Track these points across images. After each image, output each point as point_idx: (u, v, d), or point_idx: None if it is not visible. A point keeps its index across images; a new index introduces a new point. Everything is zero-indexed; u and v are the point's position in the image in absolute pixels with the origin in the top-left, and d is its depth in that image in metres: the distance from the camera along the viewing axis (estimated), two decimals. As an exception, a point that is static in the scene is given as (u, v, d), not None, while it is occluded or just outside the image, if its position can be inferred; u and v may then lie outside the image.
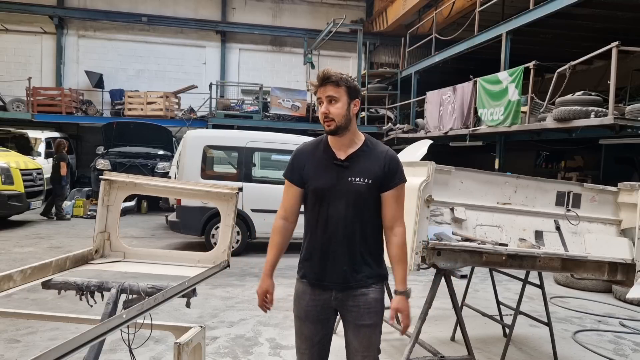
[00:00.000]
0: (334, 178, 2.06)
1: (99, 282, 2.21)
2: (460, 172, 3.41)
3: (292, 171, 2.16)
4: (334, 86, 2.04)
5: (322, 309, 2.12)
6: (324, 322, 2.15)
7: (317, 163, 2.11)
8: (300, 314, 2.17)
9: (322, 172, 2.08)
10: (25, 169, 9.44)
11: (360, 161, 2.08)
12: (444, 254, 3.00)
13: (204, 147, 7.69)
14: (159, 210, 11.13)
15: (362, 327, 2.09)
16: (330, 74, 2.04)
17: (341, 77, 2.05)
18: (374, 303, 2.11)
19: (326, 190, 2.06)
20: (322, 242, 2.09)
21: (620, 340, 4.56)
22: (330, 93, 2.03)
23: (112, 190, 2.57)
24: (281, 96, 14.90)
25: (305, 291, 2.15)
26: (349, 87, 2.07)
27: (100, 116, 15.45)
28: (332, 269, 2.08)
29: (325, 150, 2.13)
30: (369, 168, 2.07)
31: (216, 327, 4.39)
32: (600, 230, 3.76)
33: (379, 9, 17.58)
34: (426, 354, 3.32)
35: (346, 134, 2.08)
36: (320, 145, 2.17)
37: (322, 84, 2.04)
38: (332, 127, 2.04)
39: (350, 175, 2.05)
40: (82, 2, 17.05)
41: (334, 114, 2.03)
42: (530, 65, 8.18)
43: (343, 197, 2.04)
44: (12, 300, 4.40)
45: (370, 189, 2.06)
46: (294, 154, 2.21)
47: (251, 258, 7.52)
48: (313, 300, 2.12)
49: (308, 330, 2.15)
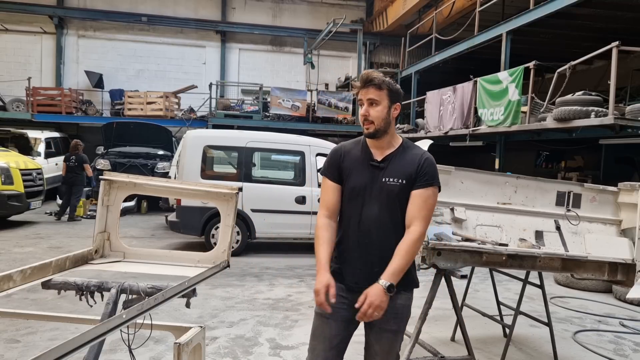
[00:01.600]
0: (369, 178, 2.07)
1: (98, 282, 2.20)
2: (461, 172, 3.42)
3: (330, 168, 2.16)
4: (375, 89, 2.02)
5: (349, 307, 2.07)
6: (347, 322, 2.10)
7: (354, 162, 2.12)
8: (325, 310, 2.10)
9: (358, 171, 2.09)
10: (25, 169, 9.43)
11: (396, 162, 2.09)
12: (444, 254, 3.00)
13: (204, 147, 7.69)
14: (159, 210, 11.13)
15: (385, 331, 2.08)
16: (373, 76, 2.03)
17: (383, 80, 2.04)
18: (400, 309, 2.10)
19: (361, 189, 2.06)
20: (355, 241, 2.08)
21: (621, 340, 4.55)
22: (372, 96, 2.02)
23: (112, 190, 2.56)
24: (281, 96, 14.90)
25: (335, 287, 2.08)
26: (390, 91, 2.05)
27: (100, 116, 15.46)
28: (364, 269, 2.06)
29: (363, 151, 2.14)
30: (403, 169, 2.07)
31: (216, 327, 4.39)
32: (600, 230, 3.76)
33: (379, 8, 17.58)
34: (426, 354, 3.32)
35: (384, 136, 2.08)
36: (359, 145, 2.17)
37: (364, 86, 2.03)
38: (371, 129, 2.05)
39: (384, 176, 2.06)
40: (82, 2, 17.05)
41: (373, 116, 2.03)
42: (530, 65, 8.18)
43: (377, 198, 2.03)
44: (12, 300, 4.40)
45: (403, 189, 2.05)
46: (332, 152, 2.20)
47: (251, 258, 7.52)
48: (341, 298, 2.08)
49: (330, 329, 2.10)
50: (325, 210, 2.14)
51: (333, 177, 2.14)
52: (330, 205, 2.14)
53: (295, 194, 7.61)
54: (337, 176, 2.14)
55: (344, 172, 2.12)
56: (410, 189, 2.06)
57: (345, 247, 2.11)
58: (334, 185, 2.14)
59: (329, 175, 2.16)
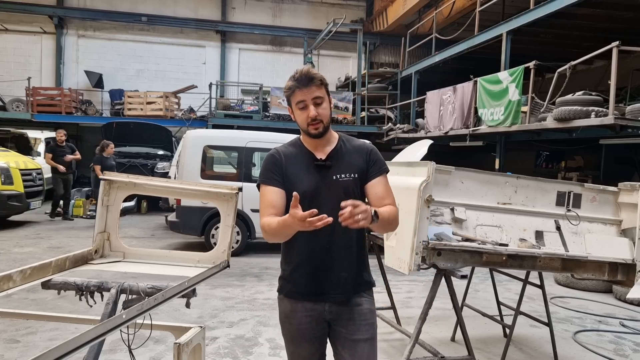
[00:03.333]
0: (318, 179, 1.92)
1: (98, 282, 2.20)
2: (461, 172, 3.41)
3: (271, 174, 1.95)
4: (318, 86, 1.90)
5: (317, 324, 1.95)
6: (320, 338, 1.98)
7: (297, 166, 1.96)
8: (293, 335, 1.99)
9: (305, 174, 1.94)
10: (25, 169, 9.43)
11: (341, 158, 1.97)
12: (444, 254, 3.00)
13: (204, 147, 7.69)
14: (159, 210, 11.13)
15: (359, 342, 1.92)
16: (313, 73, 1.91)
17: (322, 76, 1.94)
18: (369, 314, 1.97)
19: (312, 192, 1.89)
20: (313, 249, 1.91)
21: (621, 340, 4.55)
22: (316, 94, 1.90)
23: (112, 190, 2.56)
24: (281, 96, 14.88)
25: (295, 308, 1.96)
26: (326, 86, 1.96)
27: (100, 116, 15.45)
28: (328, 277, 1.92)
29: (303, 153, 1.99)
30: (351, 163, 1.97)
31: (216, 328, 4.39)
32: (600, 230, 3.76)
33: (379, 8, 17.58)
34: (426, 354, 3.32)
35: (327, 134, 1.98)
36: (295, 148, 2.02)
37: (306, 85, 1.89)
38: (321, 129, 1.91)
39: (334, 174, 1.93)
40: (82, 2, 17.05)
41: (322, 115, 1.90)
42: (530, 65, 8.18)
43: (332, 197, 1.86)
44: (12, 300, 4.40)
45: (356, 183, 1.95)
46: (269, 158, 2.00)
47: (251, 258, 7.51)
48: (306, 317, 1.94)
49: (305, 351, 1.98)
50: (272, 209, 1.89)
51: (278, 183, 1.92)
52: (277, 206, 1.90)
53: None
54: (280, 182, 1.93)
55: (288, 179, 1.93)
56: (362, 182, 1.96)
57: (302, 257, 1.94)
58: (278, 191, 1.92)
59: (272, 182, 1.93)
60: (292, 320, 1.97)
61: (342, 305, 1.94)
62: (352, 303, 1.95)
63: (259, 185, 1.98)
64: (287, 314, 1.99)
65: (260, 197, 1.96)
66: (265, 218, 1.89)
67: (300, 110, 1.93)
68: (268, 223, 1.85)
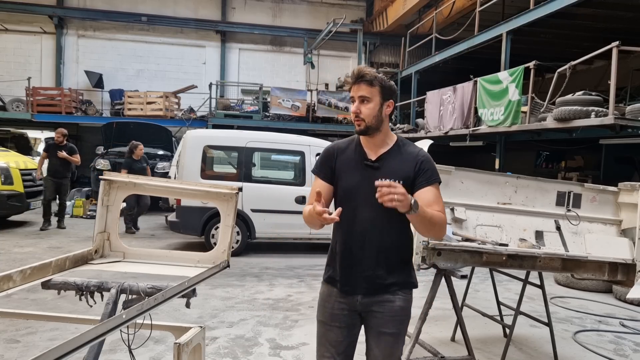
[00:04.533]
0: (364, 178, 1.98)
1: (98, 282, 2.20)
2: (461, 172, 3.41)
3: (322, 167, 2.09)
4: (367, 85, 1.96)
5: (349, 312, 2.05)
6: (350, 327, 2.07)
7: (347, 162, 2.05)
8: (325, 318, 2.08)
9: (352, 171, 2.02)
10: (25, 169, 9.43)
11: (391, 161, 2.02)
12: (444, 254, 3.00)
13: (204, 147, 7.69)
14: (159, 210, 11.12)
15: (384, 334, 2.02)
16: (365, 72, 1.96)
17: (376, 77, 1.97)
18: (399, 311, 2.04)
19: (355, 190, 1.99)
20: (349, 244, 2.01)
21: (621, 340, 4.55)
22: (363, 92, 1.97)
23: (111, 190, 2.56)
24: (281, 96, 14.90)
25: (332, 294, 2.07)
26: (382, 87, 1.99)
27: (100, 116, 15.45)
28: (358, 272, 2.01)
29: (357, 150, 2.07)
30: (400, 168, 2.00)
31: (216, 328, 4.39)
32: (600, 230, 3.76)
33: (379, 8, 17.58)
34: (426, 354, 3.32)
35: (377, 134, 2.02)
36: (352, 144, 2.11)
37: (355, 82, 1.98)
38: (362, 127, 1.99)
39: (380, 176, 1.93)
40: (82, 2, 17.05)
41: (364, 114, 1.97)
42: (530, 65, 8.18)
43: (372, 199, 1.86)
44: (12, 300, 4.40)
45: None
46: (325, 151, 2.13)
47: (251, 258, 7.51)
48: (340, 304, 2.05)
49: (334, 335, 2.06)
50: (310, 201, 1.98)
51: (325, 176, 2.07)
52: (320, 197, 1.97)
53: (295, 194, 7.60)
54: (329, 176, 2.06)
55: (336, 173, 2.05)
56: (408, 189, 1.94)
57: (340, 250, 2.05)
58: (326, 185, 2.06)
59: (321, 175, 2.08)
60: (327, 304, 2.09)
61: (372, 300, 2.03)
62: (383, 298, 2.03)
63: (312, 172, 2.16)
64: (324, 298, 2.11)
65: (312, 186, 2.11)
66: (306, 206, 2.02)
67: (352, 104, 2.03)
68: (304, 209, 2.01)
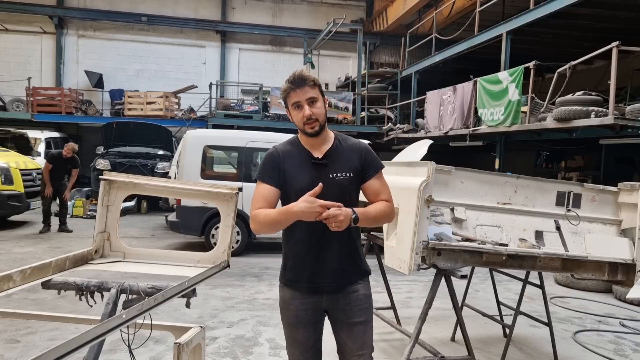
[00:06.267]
0: (314, 177, 2.02)
1: (98, 282, 2.20)
2: (461, 172, 3.41)
3: (269, 171, 2.06)
4: (311, 87, 2.02)
5: (313, 311, 2.10)
6: (315, 325, 2.13)
7: (295, 164, 2.07)
8: (290, 320, 2.13)
9: (301, 172, 2.05)
10: (25, 169, 9.43)
11: (337, 156, 2.08)
12: (444, 254, 2.99)
13: (204, 147, 7.69)
14: (159, 210, 11.13)
15: (355, 324, 2.08)
16: (306, 75, 2.03)
17: (315, 78, 2.07)
18: (364, 299, 2.11)
19: (308, 189, 1.94)
20: (309, 243, 2.05)
21: (621, 340, 4.55)
22: (310, 94, 2.02)
23: (111, 190, 2.56)
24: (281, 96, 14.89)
25: (294, 296, 2.10)
26: (320, 87, 2.08)
27: (100, 116, 15.46)
28: (322, 269, 2.05)
29: (300, 151, 2.10)
30: (347, 162, 2.07)
31: (216, 328, 4.39)
32: (600, 230, 3.75)
33: (379, 8, 17.59)
34: (426, 354, 3.32)
35: (323, 132, 2.09)
36: (294, 146, 2.14)
37: (299, 87, 2.01)
38: (317, 128, 2.03)
39: (330, 172, 2.04)
40: (82, 2, 17.05)
41: (317, 114, 2.02)
42: (530, 65, 8.18)
43: (327, 195, 1.93)
44: (12, 300, 4.40)
45: (352, 182, 2.06)
46: (269, 156, 2.12)
47: (251, 258, 7.52)
48: (303, 304, 2.09)
49: (301, 336, 2.12)
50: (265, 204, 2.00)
51: (273, 181, 2.04)
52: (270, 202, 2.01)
53: (295, 194, 7.60)
54: (276, 180, 2.04)
55: (285, 177, 2.05)
56: (357, 180, 2.08)
57: (299, 250, 2.07)
58: (273, 189, 2.03)
59: (268, 180, 2.04)
60: (290, 307, 2.12)
61: (338, 294, 2.09)
62: (348, 290, 2.10)
63: (256, 179, 2.10)
64: (286, 301, 2.14)
65: (255, 190, 2.07)
66: (258, 210, 1.99)
67: (296, 110, 2.06)
68: (265, 213, 1.96)
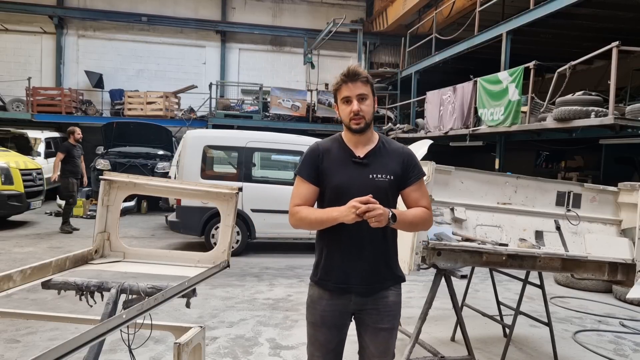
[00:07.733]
0: (354, 175, 2.00)
1: (98, 282, 2.20)
2: (461, 172, 3.42)
3: (307, 168, 2.06)
4: (363, 83, 1.99)
5: (340, 314, 2.05)
6: (339, 327, 2.07)
7: (334, 160, 2.04)
8: (315, 320, 2.09)
9: (341, 169, 2.02)
10: (25, 169, 9.42)
11: (379, 158, 2.05)
12: (444, 254, 3.00)
13: (204, 147, 7.69)
14: (159, 210, 11.12)
15: (380, 330, 2.04)
16: (360, 71, 1.99)
17: (368, 75, 2.03)
18: (393, 306, 2.07)
19: (347, 188, 1.97)
20: (343, 242, 2.01)
21: (621, 340, 4.56)
22: (362, 91, 1.99)
23: (112, 190, 2.56)
24: (281, 96, 14.90)
25: (322, 296, 2.06)
26: (372, 85, 2.05)
27: (100, 116, 15.45)
28: (354, 270, 2.01)
29: (342, 148, 2.08)
30: (388, 165, 2.04)
31: (216, 327, 4.39)
32: (600, 230, 3.76)
33: (379, 8, 17.58)
34: (426, 354, 3.32)
35: (367, 131, 2.06)
36: (336, 142, 2.11)
37: (351, 81, 1.99)
38: (362, 124, 2.00)
39: (371, 172, 2.01)
40: (82, 2, 17.04)
41: (365, 111, 1.99)
42: (530, 65, 8.18)
43: (363, 195, 1.89)
44: (12, 300, 4.40)
45: (391, 185, 2.03)
46: (309, 152, 2.11)
47: (251, 258, 7.52)
48: (330, 305, 2.05)
49: (323, 337, 2.07)
50: (303, 201, 2.03)
51: (310, 177, 2.04)
52: (308, 199, 2.03)
53: (295, 194, 7.60)
54: (314, 177, 2.04)
55: (323, 173, 2.03)
56: (397, 185, 2.05)
57: (332, 250, 2.04)
58: (310, 186, 2.04)
59: (305, 176, 2.05)
60: (316, 306, 2.08)
61: (367, 297, 2.04)
62: (378, 295, 2.05)
63: (295, 174, 2.12)
64: (314, 300, 2.10)
65: (295, 186, 2.11)
66: (299, 207, 2.03)
67: (344, 104, 2.03)
68: (306, 213, 2.00)
